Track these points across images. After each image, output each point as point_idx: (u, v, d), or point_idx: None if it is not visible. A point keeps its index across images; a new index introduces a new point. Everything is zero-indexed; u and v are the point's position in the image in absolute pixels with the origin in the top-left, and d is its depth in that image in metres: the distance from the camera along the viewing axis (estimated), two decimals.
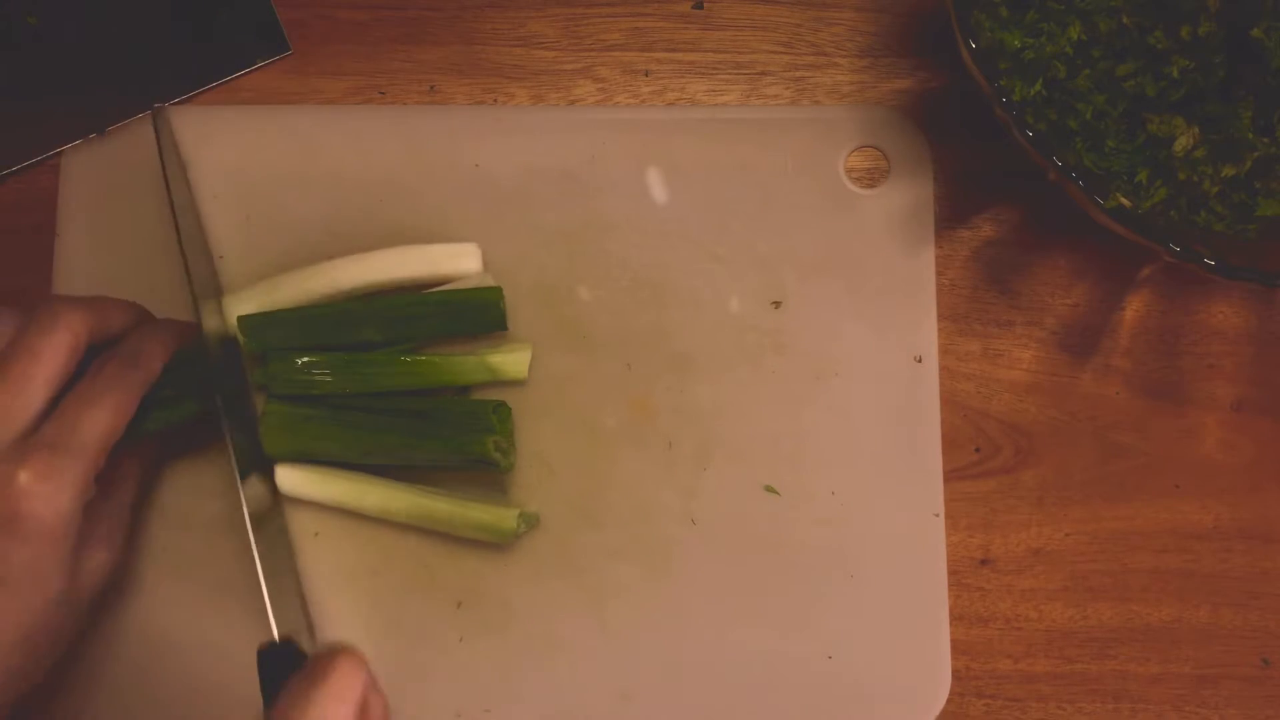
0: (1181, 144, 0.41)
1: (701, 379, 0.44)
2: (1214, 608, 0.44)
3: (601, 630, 0.43)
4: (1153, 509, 0.45)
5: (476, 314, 0.43)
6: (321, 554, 0.43)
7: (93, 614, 0.40)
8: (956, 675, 0.43)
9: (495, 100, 0.47)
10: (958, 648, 0.43)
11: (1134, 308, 0.46)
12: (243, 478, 0.40)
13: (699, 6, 0.48)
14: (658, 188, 0.46)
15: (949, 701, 0.43)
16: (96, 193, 0.46)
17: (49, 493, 0.35)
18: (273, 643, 0.38)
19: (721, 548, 0.43)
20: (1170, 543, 0.44)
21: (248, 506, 0.39)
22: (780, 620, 0.43)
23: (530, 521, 0.42)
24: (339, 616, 0.42)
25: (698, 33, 0.48)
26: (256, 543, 0.39)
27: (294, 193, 0.46)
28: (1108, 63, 0.42)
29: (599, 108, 0.47)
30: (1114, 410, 0.45)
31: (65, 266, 0.45)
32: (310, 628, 0.41)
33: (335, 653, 0.37)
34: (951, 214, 0.47)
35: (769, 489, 0.44)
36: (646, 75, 0.48)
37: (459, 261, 0.43)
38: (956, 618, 0.44)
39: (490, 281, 0.43)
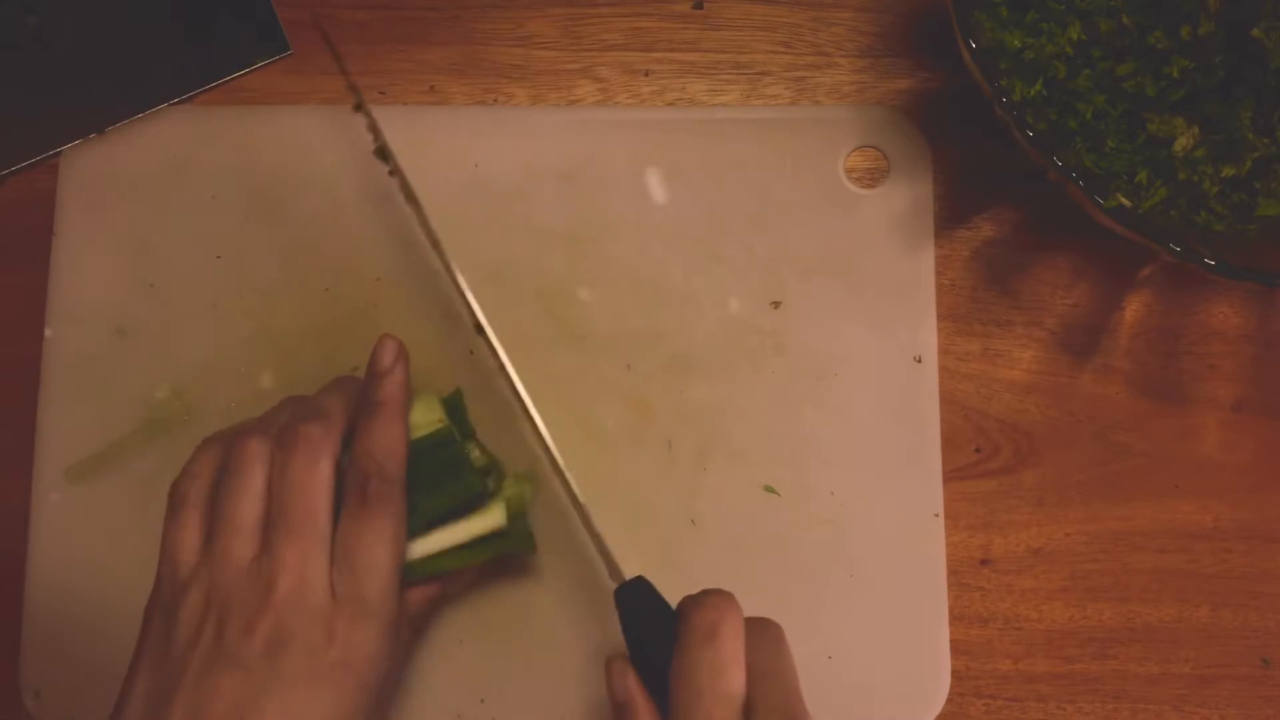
0: (1181, 144, 0.41)
1: (701, 379, 0.44)
2: (1214, 608, 0.44)
3: (602, 630, 0.42)
4: (1153, 509, 0.45)
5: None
6: None
7: None
8: (956, 675, 0.43)
9: (495, 100, 0.47)
10: (958, 648, 0.43)
11: (1134, 308, 0.46)
12: None
13: (699, 6, 0.48)
14: (658, 188, 0.46)
15: (949, 701, 0.43)
16: (96, 193, 0.46)
17: (367, 644, 0.34)
18: (628, 582, 0.37)
19: (721, 548, 0.43)
20: (1170, 543, 0.44)
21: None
22: (780, 620, 0.43)
23: (518, 491, 0.40)
24: None
25: (698, 33, 0.48)
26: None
27: (294, 193, 0.46)
28: (1108, 63, 0.42)
29: (599, 108, 0.47)
30: (1114, 410, 0.45)
31: (64, 266, 0.45)
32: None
33: (713, 605, 0.35)
34: (951, 214, 0.47)
35: (769, 489, 0.44)
36: (646, 75, 0.48)
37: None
38: (956, 618, 0.44)
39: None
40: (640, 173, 0.46)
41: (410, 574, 0.37)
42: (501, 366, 0.40)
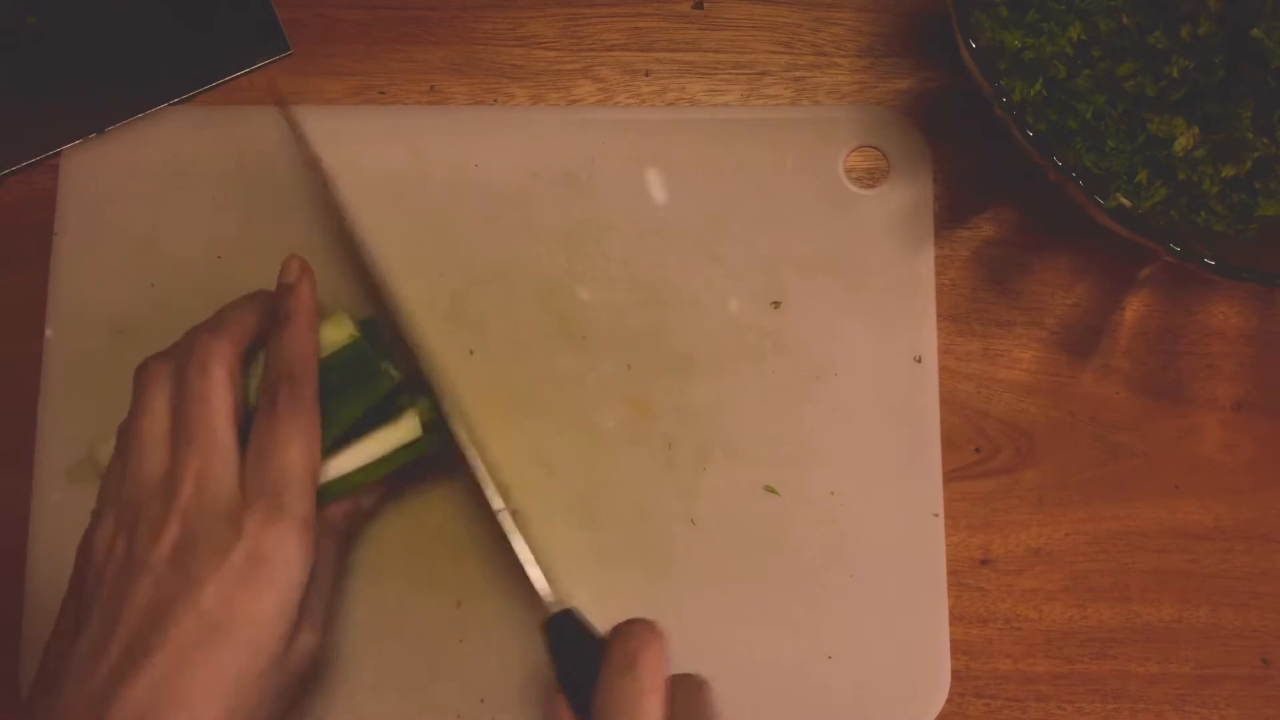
0: (1181, 144, 0.41)
1: (701, 379, 0.44)
2: (1214, 608, 0.44)
3: (602, 630, 0.42)
4: (1153, 509, 0.45)
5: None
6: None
7: (295, 702, 0.38)
8: (956, 675, 0.43)
9: (495, 100, 0.47)
10: (958, 648, 0.43)
11: (1134, 308, 0.46)
12: None
13: (699, 6, 0.48)
14: (657, 188, 0.46)
15: (949, 701, 0.43)
16: (96, 193, 0.46)
17: (278, 540, 0.34)
18: (555, 615, 0.38)
19: (721, 548, 0.43)
20: (1170, 543, 0.44)
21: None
22: (780, 620, 0.43)
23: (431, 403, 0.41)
24: (340, 616, 0.42)
25: (698, 33, 0.48)
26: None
27: (294, 193, 0.46)
28: (1108, 63, 0.42)
29: (599, 108, 0.47)
30: (1114, 410, 0.45)
31: (64, 266, 0.45)
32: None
33: (634, 635, 0.35)
34: (951, 214, 0.47)
35: (769, 489, 0.44)
36: (646, 75, 0.48)
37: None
38: (956, 618, 0.44)
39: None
40: (640, 173, 0.46)
41: (332, 491, 0.38)
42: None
